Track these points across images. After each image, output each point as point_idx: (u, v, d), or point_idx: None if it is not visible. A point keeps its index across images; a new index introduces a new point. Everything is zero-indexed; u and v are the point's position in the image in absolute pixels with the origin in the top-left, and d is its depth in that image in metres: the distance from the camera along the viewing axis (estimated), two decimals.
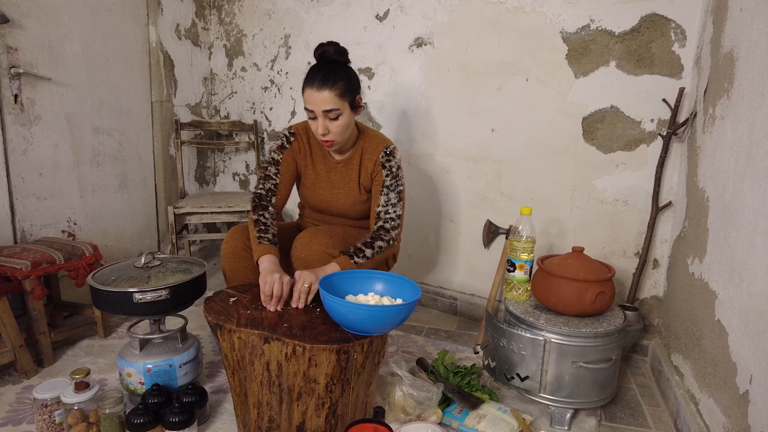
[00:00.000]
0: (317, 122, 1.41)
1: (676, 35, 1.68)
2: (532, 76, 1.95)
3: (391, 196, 1.51)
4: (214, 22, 2.92)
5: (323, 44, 1.45)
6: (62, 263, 1.69)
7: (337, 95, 1.38)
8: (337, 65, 1.43)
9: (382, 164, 1.52)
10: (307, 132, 1.59)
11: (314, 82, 1.38)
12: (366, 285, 1.29)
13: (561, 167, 1.94)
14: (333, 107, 1.38)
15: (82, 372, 1.23)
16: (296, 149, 1.57)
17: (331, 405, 1.14)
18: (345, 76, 1.41)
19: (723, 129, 1.31)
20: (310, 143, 1.59)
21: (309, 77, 1.40)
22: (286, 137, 1.57)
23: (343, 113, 1.41)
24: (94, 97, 2.21)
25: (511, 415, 1.37)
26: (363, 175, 1.56)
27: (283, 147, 1.55)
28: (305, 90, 1.40)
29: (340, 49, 1.46)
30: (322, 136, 1.43)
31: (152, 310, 1.35)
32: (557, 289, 1.43)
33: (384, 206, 1.50)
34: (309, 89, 1.39)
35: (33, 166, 1.95)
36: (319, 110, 1.39)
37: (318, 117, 1.40)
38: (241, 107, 2.90)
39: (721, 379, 1.17)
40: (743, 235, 1.11)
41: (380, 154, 1.53)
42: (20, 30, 1.86)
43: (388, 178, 1.52)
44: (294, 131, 1.58)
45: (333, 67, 1.41)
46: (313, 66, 1.44)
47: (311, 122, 1.44)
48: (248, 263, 1.49)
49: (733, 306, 1.14)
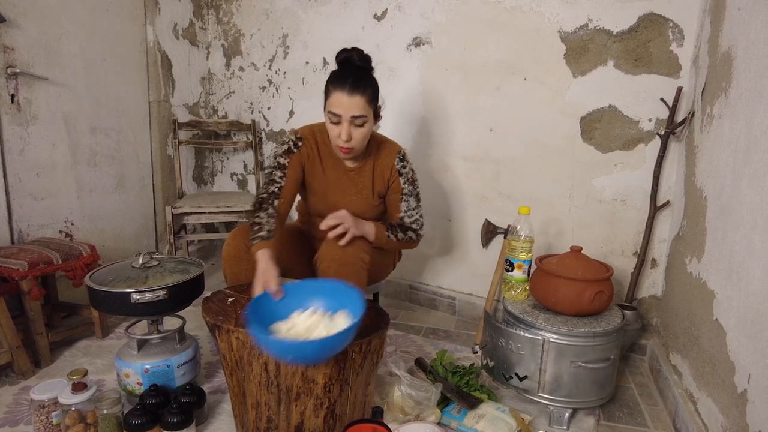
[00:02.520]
0: (341, 127, 1.36)
1: (674, 35, 1.68)
2: (530, 75, 1.95)
3: (411, 201, 1.55)
4: (212, 22, 2.91)
5: (347, 50, 1.41)
6: (60, 263, 1.68)
7: (367, 101, 1.36)
8: (364, 72, 1.40)
9: (398, 171, 1.53)
10: (315, 137, 1.52)
11: (345, 85, 1.33)
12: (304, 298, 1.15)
13: (559, 167, 1.94)
14: (362, 113, 1.36)
15: (80, 373, 1.22)
16: (304, 155, 1.50)
17: (330, 405, 1.14)
18: (373, 84, 1.40)
19: (721, 128, 1.31)
20: (319, 149, 1.52)
21: (338, 80, 1.35)
22: (294, 142, 1.50)
23: (368, 120, 1.39)
24: (91, 96, 2.20)
25: (509, 415, 1.37)
26: (378, 181, 1.54)
27: (290, 151, 1.48)
28: (333, 93, 1.35)
29: (365, 56, 1.42)
30: (344, 143, 1.38)
31: (150, 310, 1.35)
32: (556, 288, 1.43)
33: (406, 211, 1.54)
34: (339, 92, 1.34)
35: (30, 166, 1.94)
36: (347, 115, 1.34)
37: (343, 122, 1.36)
38: (239, 107, 2.90)
39: (719, 378, 1.17)
40: (741, 234, 1.11)
41: (395, 160, 1.53)
42: (17, 29, 1.85)
43: (407, 185, 1.54)
44: (301, 136, 1.51)
45: (361, 73, 1.38)
46: (339, 70, 1.40)
47: (332, 126, 1.39)
48: (250, 265, 1.44)
49: (731, 305, 1.14)
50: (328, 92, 1.38)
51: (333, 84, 1.36)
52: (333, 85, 1.36)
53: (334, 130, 1.39)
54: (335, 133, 1.39)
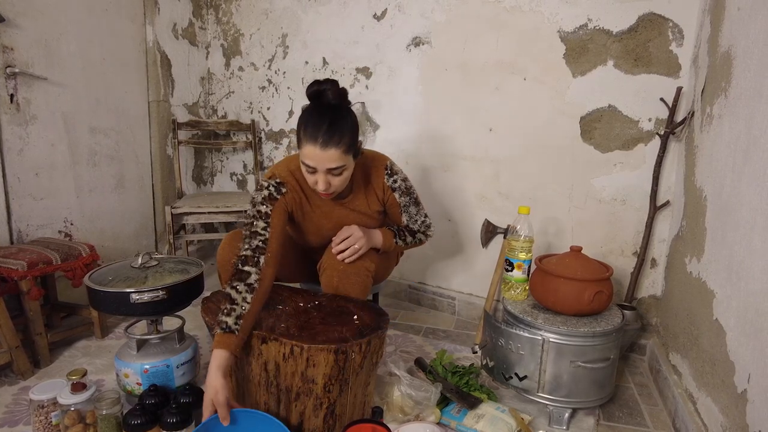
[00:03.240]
0: (317, 176, 1.25)
1: (674, 34, 1.68)
2: (529, 75, 1.95)
3: (411, 210, 1.50)
4: (212, 22, 2.91)
5: (319, 82, 1.25)
6: (59, 264, 1.68)
7: (343, 152, 1.22)
8: (339, 113, 1.25)
9: (391, 188, 1.45)
10: (295, 177, 1.38)
11: (317, 138, 1.20)
12: None
13: (559, 167, 1.94)
14: (338, 164, 1.23)
15: (79, 373, 1.22)
16: (290, 201, 1.36)
17: (329, 405, 1.14)
18: (350, 128, 1.25)
19: (720, 128, 1.31)
20: (304, 190, 1.41)
21: (309, 130, 1.21)
22: (275, 187, 1.33)
23: (347, 168, 1.27)
24: (90, 96, 2.20)
25: (509, 415, 1.37)
26: (372, 202, 1.47)
27: (272, 198, 1.31)
28: (305, 145, 1.22)
29: (341, 91, 1.27)
30: (323, 191, 1.28)
31: (149, 310, 1.35)
32: (555, 288, 1.43)
33: (410, 219, 1.51)
34: (311, 146, 1.21)
35: (29, 166, 1.94)
36: (322, 168, 1.23)
37: (319, 173, 1.24)
38: (239, 107, 2.90)
39: (719, 378, 1.17)
40: (741, 234, 1.11)
41: (384, 178, 1.44)
42: (16, 29, 1.85)
43: (403, 197, 1.47)
44: (281, 180, 1.35)
45: (336, 117, 1.23)
46: (310, 114, 1.25)
47: (308, 175, 1.28)
48: None
49: (730, 305, 1.14)
50: (299, 139, 1.25)
51: (305, 132, 1.22)
52: (305, 134, 1.22)
53: (310, 178, 1.28)
54: (312, 181, 1.28)
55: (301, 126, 1.24)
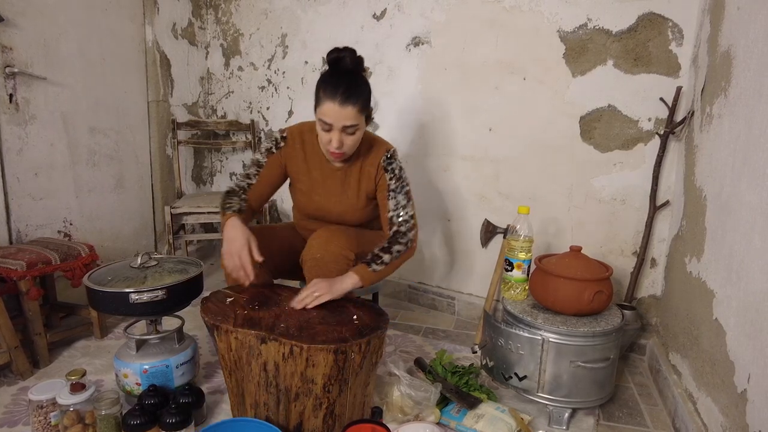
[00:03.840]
0: (331, 135, 1.34)
1: (674, 34, 1.68)
2: (529, 75, 1.95)
3: (399, 198, 1.48)
4: (211, 22, 2.91)
5: (339, 50, 1.36)
6: (58, 264, 1.68)
7: (359, 111, 1.32)
8: (356, 77, 1.36)
9: (384, 168, 1.48)
10: (302, 137, 1.50)
11: (336, 95, 1.29)
12: None
13: (559, 166, 1.94)
14: (354, 123, 1.33)
15: (78, 373, 1.22)
16: (286, 154, 1.50)
17: (329, 405, 1.14)
18: (366, 90, 1.37)
19: (720, 128, 1.31)
20: (305, 149, 1.51)
21: (329, 89, 1.31)
22: (277, 141, 1.50)
23: (360, 128, 1.37)
24: (89, 96, 2.20)
25: (509, 415, 1.37)
26: (365, 181, 1.51)
27: (270, 151, 1.50)
28: (324, 102, 1.31)
29: (358, 58, 1.37)
30: (336, 149, 1.36)
31: (149, 310, 1.35)
32: (555, 288, 1.43)
33: (395, 210, 1.47)
34: (330, 103, 1.30)
35: (28, 166, 1.94)
36: (339, 125, 1.32)
37: (335, 130, 1.33)
38: (238, 107, 2.90)
39: (719, 378, 1.17)
40: (741, 234, 1.11)
41: (381, 158, 1.49)
42: (15, 29, 1.85)
43: (393, 181, 1.48)
44: (287, 135, 1.50)
45: (354, 80, 1.34)
46: (330, 75, 1.35)
47: (323, 134, 1.36)
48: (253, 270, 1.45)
49: (730, 305, 1.14)
50: (319, 98, 1.34)
51: (324, 92, 1.32)
52: (324, 93, 1.32)
53: (325, 136, 1.36)
54: (326, 139, 1.36)
55: (320, 87, 1.34)
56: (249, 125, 2.79)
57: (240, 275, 1.31)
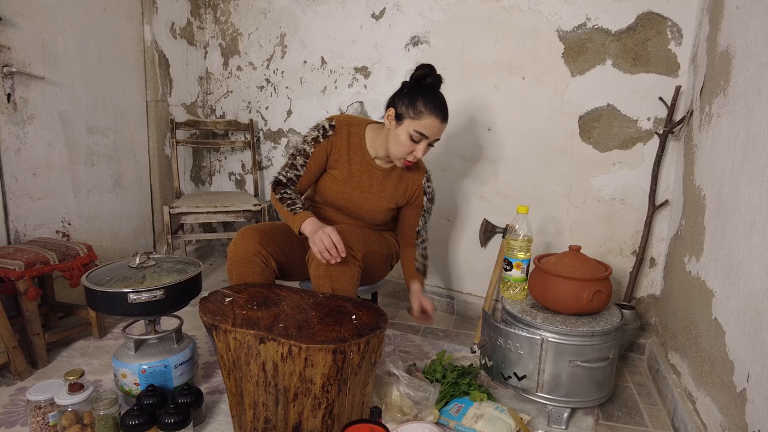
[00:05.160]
0: (420, 146, 1.43)
1: (673, 33, 1.68)
2: (528, 74, 1.95)
3: (428, 217, 1.67)
4: (210, 21, 2.91)
5: (425, 66, 1.44)
6: (56, 264, 1.68)
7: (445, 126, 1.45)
8: (442, 94, 1.45)
9: (424, 190, 1.61)
10: (350, 129, 1.56)
11: (440, 112, 1.40)
12: None
13: (558, 166, 1.94)
14: (440, 137, 1.46)
15: (77, 373, 1.22)
16: (333, 143, 1.54)
17: (328, 405, 1.13)
18: None
19: (719, 127, 1.31)
20: (350, 141, 1.56)
21: (433, 104, 1.39)
22: (325, 129, 1.53)
23: None
24: (88, 96, 2.19)
25: (508, 415, 1.37)
26: (401, 190, 1.59)
27: (317, 140, 1.52)
28: (429, 116, 1.39)
29: (439, 76, 1.46)
30: (414, 159, 1.46)
31: (147, 310, 1.34)
32: (554, 288, 1.43)
33: (423, 225, 1.66)
34: (435, 118, 1.39)
35: (26, 166, 1.93)
36: (433, 138, 1.43)
37: (424, 143, 1.43)
38: (237, 106, 2.89)
39: (718, 378, 1.17)
40: (740, 233, 1.11)
41: (423, 179, 1.61)
42: (13, 28, 1.84)
43: (428, 203, 1.63)
44: (335, 124, 1.54)
45: (443, 98, 1.44)
46: (426, 89, 1.42)
47: (408, 143, 1.42)
48: (258, 268, 1.43)
49: (729, 304, 1.14)
50: (419, 111, 1.39)
51: (429, 106, 1.39)
52: (428, 108, 1.39)
53: (410, 146, 1.43)
54: (410, 149, 1.43)
55: (418, 100, 1.40)
56: (248, 125, 2.79)
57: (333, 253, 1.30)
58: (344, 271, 1.36)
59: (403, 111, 1.42)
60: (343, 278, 1.37)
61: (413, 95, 1.41)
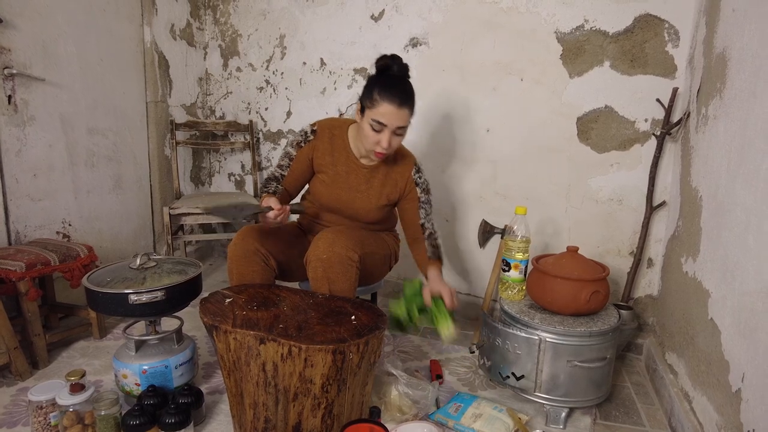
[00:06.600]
0: (381, 135, 1.40)
1: (670, 35, 1.69)
2: (526, 76, 1.96)
3: (428, 208, 1.62)
4: (209, 22, 2.91)
5: (387, 57, 1.44)
6: (57, 264, 1.68)
7: (410, 113, 1.42)
8: (407, 83, 1.44)
9: (415, 182, 1.58)
10: (332, 132, 1.57)
11: (395, 97, 1.37)
12: None
13: (556, 167, 1.95)
14: (405, 125, 1.42)
15: (78, 374, 1.22)
16: (315, 146, 1.57)
17: (327, 405, 1.14)
18: (414, 95, 1.45)
19: (716, 129, 1.32)
20: (333, 143, 1.57)
21: (388, 91, 1.37)
22: (306, 134, 1.57)
23: (405, 131, 1.46)
24: (88, 97, 2.20)
25: (507, 414, 1.38)
26: (389, 186, 1.58)
27: (299, 144, 1.57)
28: (382, 103, 1.37)
29: (405, 65, 1.46)
30: (384, 149, 1.43)
31: (148, 311, 1.35)
32: (552, 288, 1.44)
33: (426, 217, 1.61)
34: (389, 104, 1.37)
35: (27, 167, 1.94)
36: (393, 126, 1.39)
37: (386, 131, 1.40)
38: (237, 107, 2.90)
39: (714, 377, 1.18)
40: (735, 234, 1.12)
41: (412, 170, 1.58)
42: (13, 30, 1.85)
43: (423, 194, 1.60)
44: (317, 129, 1.57)
45: (406, 85, 1.43)
46: (386, 79, 1.42)
47: (372, 134, 1.41)
48: (258, 267, 1.45)
49: (725, 305, 1.15)
50: (374, 99, 1.38)
51: (382, 94, 1.38)
52: (382, 95, 1.37)
53: (374, 137, 1.41)
54: (375, 140, 1.42)
55: (374, 89, 1.39)
56: (247, 126, 2.80)
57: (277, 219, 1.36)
58: (342, 273, 1.37)
59: (365, 102, 1.42)
60: (340, 280, 1.38)
61: (371, 85, 1.41)
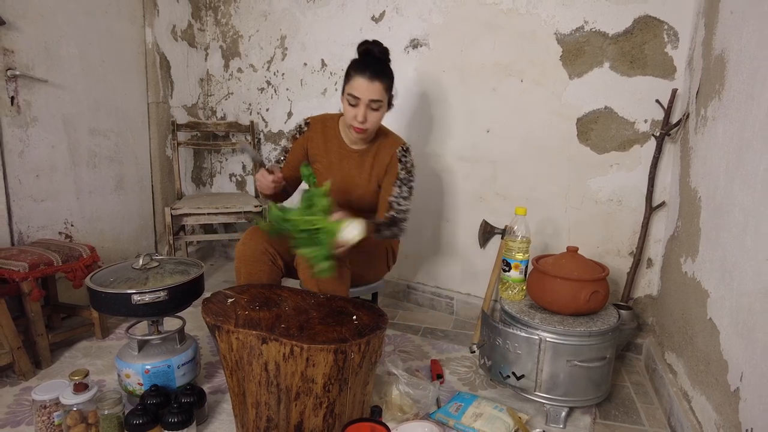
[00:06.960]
0: (358, 110, 1.46)
1: (669, 37, 1.70)
2: (526, 77, 1.97)
3: (404, 189, 1.60)
4: (210, 24, 2.92)
5: (368, 42, 1.53)
6: (60, 265, 1.69)
7: (384, 89, 1.47)
8: (383, 62, 1.51)
9: (399, 159, 1.60)
10: (324, 123, 1.64)
11: (366, 71, 1.44)
12: None
13: (556, 168, 1.96)
14: (379, 98, 1.46)
15: (81, 373, 1.23)
16: (309, 137, 1.64)
17: (329, 404, 1.15)
18: (391, 74, 1.52)
19: (714, 130, 1.33)
20: (326, 133, 1.63)
21: (360, 67, 1.46)
22: (300, 127, 1.65)
23: (383, 106, 1.51)
24: (90, 98, 2.21)
25: (507, 414, 1.39)
26: (377, 166, 1.61)
27: (294, 137, 1.66)
28: (354, 78, 1.45)
29: (384, 49, 1.54)
30: (360, 123, 1.48)
31: (150, 311, 1.36)
32: (552, 288, 1.44)
33: (396, 197, 1.58)
34: (360, 77, 1.44)
35: (30, 168, 1.95)
36: (366, 99, 1.45)
37: (361, 105, 1.46)
38: (238, 108, 2.91)
39: (713, 377, 1.19)
40: (734, 235, 1.13)
41: (398, 149, 1.60)
42: (16, 32, 1.86)
43: (403, 171, 1.60)
44: (309, 122, 1.65)
45: (381, 63, 1.50)
46: (360, 58, 1.52)
47: (350, 108, 1.48)
48: (266, 267, 1.46)
49: (724, 305, 1.16)
50: (349, 76, 1.48)
51: (355, 69, 1.46)
52: (355, 71, 1.46)
53: (351, 111, 1.48)
54: (352, 114, 1.47)
55: (351, 66, 1.49)
56: (248, 126, 2.81)
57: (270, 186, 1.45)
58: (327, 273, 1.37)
59: (345, 83, 1.50)
60: (328, 280, 1.38)
61: (349, 67, 1.50)
